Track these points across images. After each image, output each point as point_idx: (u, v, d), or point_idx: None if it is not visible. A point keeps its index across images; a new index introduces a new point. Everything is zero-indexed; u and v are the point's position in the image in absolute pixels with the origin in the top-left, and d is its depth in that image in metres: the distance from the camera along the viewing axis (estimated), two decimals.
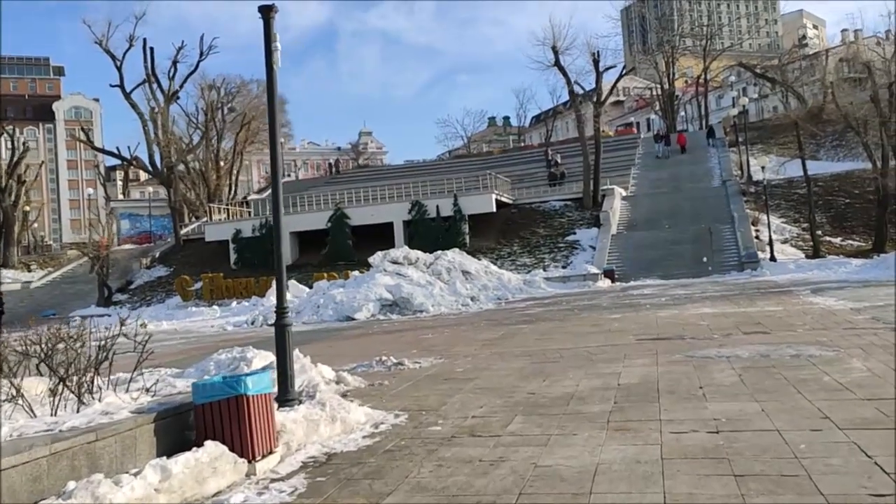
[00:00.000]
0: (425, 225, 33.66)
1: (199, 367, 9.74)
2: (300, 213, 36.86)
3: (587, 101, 42.57)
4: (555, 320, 15.62)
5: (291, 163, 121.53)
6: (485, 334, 14.04)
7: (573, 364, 9.33)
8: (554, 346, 11.37)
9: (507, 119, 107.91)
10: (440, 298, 22.27)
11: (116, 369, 6.58)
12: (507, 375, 8.81)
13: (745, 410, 6.09)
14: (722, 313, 14.21)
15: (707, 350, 9.56)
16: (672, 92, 64.83)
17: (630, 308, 16.93)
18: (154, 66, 46.25)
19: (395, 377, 9.36)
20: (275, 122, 6.49)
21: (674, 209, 33.80)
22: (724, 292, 19.52)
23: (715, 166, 41.06)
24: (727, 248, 28.73)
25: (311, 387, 6.69)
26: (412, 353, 11.68)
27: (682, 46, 72.43)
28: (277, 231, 6.71)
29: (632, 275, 27.16)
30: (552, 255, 31.44)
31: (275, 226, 6.72)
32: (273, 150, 6.68)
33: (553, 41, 34.86)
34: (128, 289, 36.57)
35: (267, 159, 63.10)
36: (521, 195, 38.27)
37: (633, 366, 8.83)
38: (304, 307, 22.53)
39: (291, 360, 6.52)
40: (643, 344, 10.73)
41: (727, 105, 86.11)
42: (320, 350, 13.55)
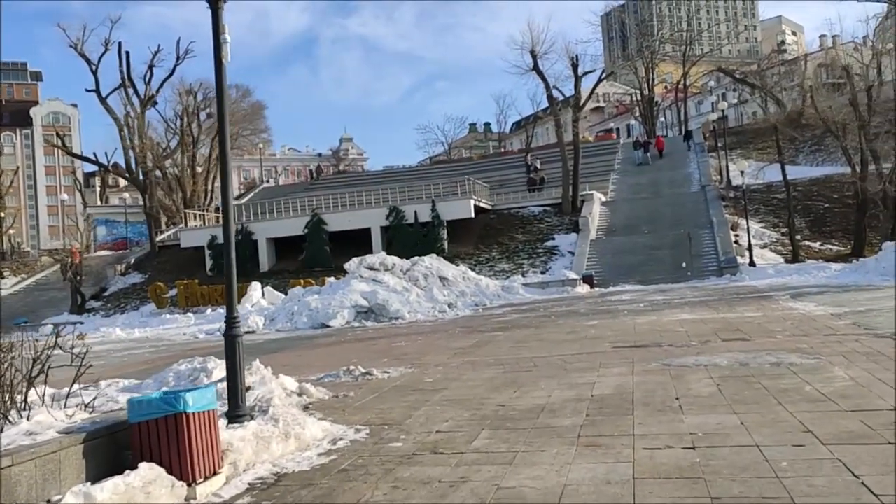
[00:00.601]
0: (403, 231, 33.27)
1: (158, 379, 9.28)
2: (277, 219, 36.34)
3: (567, 107, 42.50)
4: (531, 327, 15.28)
5: (272, 169, 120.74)
6: (458, 342, 13.68)
7: (546, 373, 8.99)
8: (528, 354, 11.02)
9: (488, 125, 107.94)
10: (416, 305, 21.89)
11: (66, 383, 6.13)
12: (477, 386, 8.44)
13: (724, 424, 5.76)
14: (700, 319, 13.95)
15: (685, 358, 9.26)
16: (652, 97, 65.04)
17: (608, 314, 16.65)
18: (130, 71, 45.53)
19: (361, 388, 8.96)
20: (224, 120, 6.08)
21: (653, 214, 33.69)
22: (704, 298, 19.31)
23: (694, 171, 41.07)
24: (706, 253, 28.61)
25: (264, 401, 6.27)
26: (382, 363, 11.29)
27: (662, 52, 72.70)
28: (228, 234, 6.28)
29: (611, 280, 26.95)
30: (531, 260, 31.17)
31: (224, 228, 6.28)
32: (223, 148, 6.25)
33: (532, 45, 34.74)
34: (102, 296, 35.81)
35: (247, 164, 62.90)
36: (501, 200, 38.01)
37: (609, 375, 8.50)
38: (277, 314, 22.07)
39: (242, 373, 6.09)
40: (620, 352, 10.41)
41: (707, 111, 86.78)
42: (289, 359, 13.14)
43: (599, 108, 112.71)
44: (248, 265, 34.46)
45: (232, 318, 6.21)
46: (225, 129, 5.98)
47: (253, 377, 7.76)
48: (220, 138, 5.96)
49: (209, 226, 38.26)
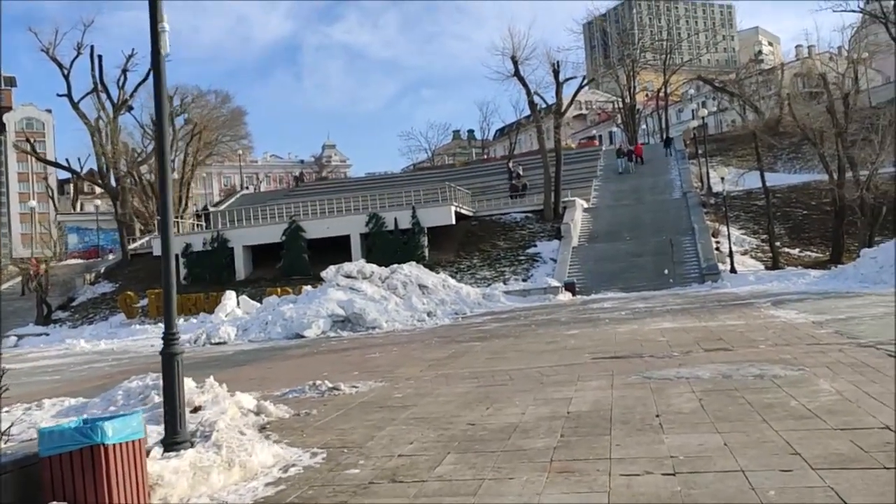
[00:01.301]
0: (383, 238, 32.80)
1: (106, 398, 8.74)
2: (254, 225, 35.71)
3: (549, 113, 42.26)
4: (510, 337, 14.86)
5: (253, 175, 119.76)
6: (434, 353, 13.22)
7: (522, 387, 8.56)
8: (505, 366, 10.59)
9: (472, 132, 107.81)
10: (395, 314, 21.41)
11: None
12: (447, 402, 7.98)
13: (706, 445, 5.35)
14: (682, 328, 13.60)
15: (666, 370, 8.87)
16: (633, 105, 65.15)
17: (589, 323, 16.27)
18: (102, 75, 44.72)
19: (326, 405, 8.47)
20: (163, 116, 5.57)
21: (635, 221, 33.47)
22: (685, 305, 19.00)
23: (675, 178, 40.97)
24: (688, 259, 28.40)
25: (208, 424, 5.77)
26: (353, 376, 10.81)
27: (643, 60, 72.95)
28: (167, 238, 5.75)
29: (592, 287, 26.63)
30: (513, 268, 30.80)
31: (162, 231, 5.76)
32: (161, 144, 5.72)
33: (513, 51, 34.47)
34: (70, 306, 34.94)
35: (227, 171, 62.05)
36: (482, 207, 37.65)
37: (586, 389, 8.08)
38: (251, 324, 21.48)
39: (182, 394, 5.58)
40: (599, 363, 10.01)
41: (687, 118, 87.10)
42: (257, 372, 12.63)
43: (582, 115, 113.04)
44: (223, 273, 33.84)
45: (170, 335, 5.70)
46: (163, 125, 5.48)
47: (205, 396, 7.27)
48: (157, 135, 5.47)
49: (183, 233, 37.54)
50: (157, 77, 5.42)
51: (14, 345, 29.18)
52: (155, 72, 5.43)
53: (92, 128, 44.43)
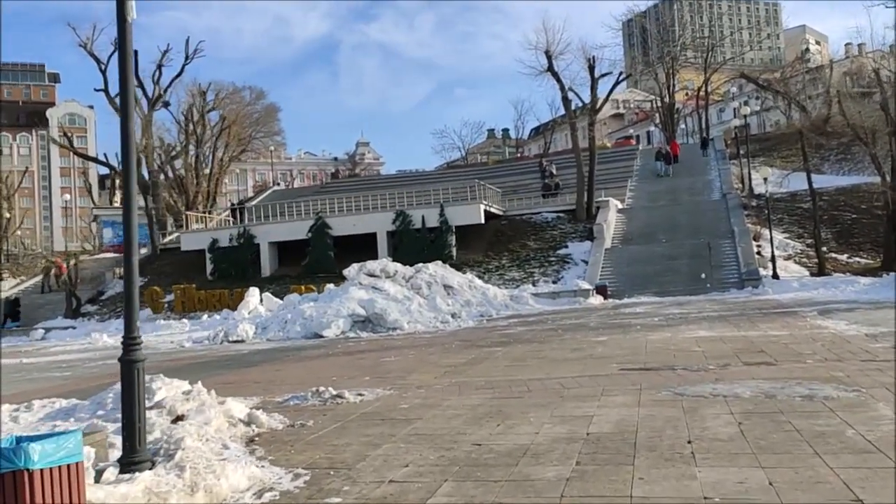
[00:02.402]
0: (410, 236, 32.11)
1: (96, 400, 8.15)
2: (280, 221, 35.30)
3: (584, 112, 41.14)
4: (534, 342, 14.04)
5: (287, 172, 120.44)
6: (452, 358, 12.48)
7: (539, 401, 7.77)
8: (524, 375, 9.81)
9: (507, 131, 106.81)
10: (417, 315, 20.71)
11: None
12: (455, 416, 7.24)
13: (748, 484, 4.52)
14: (720, 337, 12.65)
15: (701, 386, 8.01)
16: (672, 104, 63.52)
17: (619, 329, 15.36)
18: (138, 70, 44.66)
19: (325, 415, 7.78)
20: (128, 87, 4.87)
21: (671, 223, 32.29)
22: (723, 312, 17.97)
23: (715, 179, 39.57)
24: (727, 263, 27.19)
25: (173, 441, 5.11)
26: (362, 382, 10.14)
27: (684, 58, 71.16)
28: (129, 228, 5.07)
29: (625, 291, 25.62)
30: (542, 269, 29.85)
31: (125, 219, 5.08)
32: (125, 125, 5.04)
33: (546, 45, 33.44)
34: (98, 300, 34.95)
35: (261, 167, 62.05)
36: (513, 206, 36.75)
37: (610, 405, 7.27)
38: (270, 322, 20.99)
39: (142, 408, 4.91)
40: (627, 376, 9.17)
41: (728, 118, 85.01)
42: (264, 375, 12.04)
43: (619, 114, 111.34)
44: (249, 269, 33.50)
45: (130, 339, 5.04)
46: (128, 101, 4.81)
47: (189, 404, 6.63)
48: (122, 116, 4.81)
49: (210, 228, 37.37)
50: (123, 45, 4.76)
51: (41, 337, 29.19)
52: (120, 39, 4.78)
53: None
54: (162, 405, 6.49)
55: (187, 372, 13.15)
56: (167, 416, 6.31)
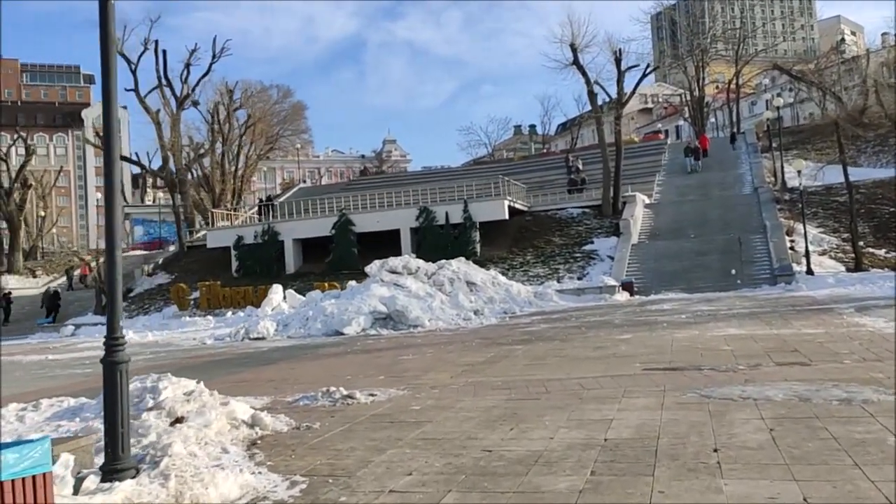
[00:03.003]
0: (433, 232, 31.80)
1: (102, 400, 7.98)
2: (304, 218, 35.23)
3: (612, 108, 40.36)
4: (556, 340, 13.63)
5: (315, 170, 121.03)
6: (471, 356, 12.13)
7: (557, 403, 7.40)
8: (543, 374, 9.42)
9: (533, 127, 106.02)
10: (440, 312, 20.39)
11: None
12: (467, 419, 6.89)
13: (780, 499, 4.12)
14: (750, 335, 12.13)
15: (729, 388, 7.56)
16: (702, 98, 62.33)
17: (644, 326, 14.88)
18: (166, 69, 45.06)
19: (333, 416, 7.49)
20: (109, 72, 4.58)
21: (701, 217, 31.55)
22: (754, 309, 17.37)
23: (746, 172, 38.63)
24: (758, 259, 26.44)
25: (159, 448, 4.83)
26: (376, 381, 9.84)
27: (714, 51, 69.79)
28: (112, 227, 4.78)
29: (652, 287, 25.03)
30: (567, 265, 29.34)
31: (107, 219, 4.80)
32: (107, 108, 4.72)
33: (571, 38, 32.85)
34: (127, 297, 35.18)
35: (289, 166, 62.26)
36: (538, 202, 36.24)
37: (631, 408, 6.87)
38: (291, 320, 20.82)
39: (125, 412, 4.63)
40: (650, 376, 8.74)
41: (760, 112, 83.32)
42: (278, 373, 11.81)
43: (647, 109, 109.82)
44: (273, 267, 33.47)
45: (112, 339, 4.75)
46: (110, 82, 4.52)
47: (190, 405, 6.38)
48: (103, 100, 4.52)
49: (236, 226, 37.41)
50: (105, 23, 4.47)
51: (71, 334, 29.43)
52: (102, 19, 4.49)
53: (157, 122, 44.89)
54: (162, 406, 6.25)
55: (204, 370, 12.99)
56: (166, 419, 6.06)
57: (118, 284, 4.68)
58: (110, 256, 4.61)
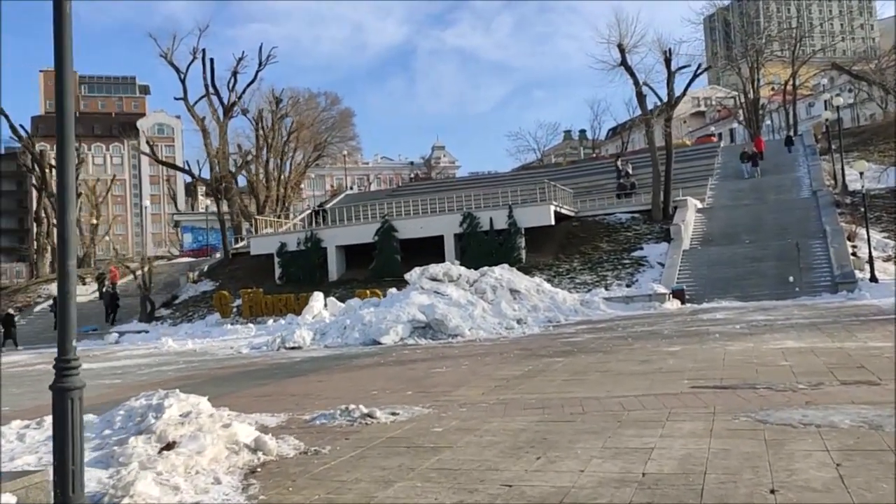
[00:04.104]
0: (477, 239, 31.18)
1: (106, 418, 7.56)
2: (346, 225, 35.01)
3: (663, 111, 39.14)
4: (599, 352, 12.86)
5: (364, 177, 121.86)
6: (507, 370, 11.46)
7: (593, 426, 6.69)
8: (581, 392, 8.71)
9: (583, 132, 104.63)
10: (481, 321, 19.76)
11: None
12: (491, 444, 6.25)
13: None
14: (811, 349, 11.17)
15: (788, 411, 6.74)
16: (757, 99, 60.34)
17: (694, 338, 13.98)
18: (214, 78, 45.60)
19: (347, 438, 6.93)
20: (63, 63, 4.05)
21: (756, 222, 30.22)
22: (815, 319, 16.27)
23: (804, 176, 37.01)
24: (818, 265, 25.09)
25: (120, 487, 4.31)
26: (403, 397, 9.27)
27: (769, 51, 67.56)
28: (63, 230, 4.23)
29: (704, 295, 23.96)
30: (615, 272, 28.37)
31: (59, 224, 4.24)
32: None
33: (619, 38, 31.91)
34: (172, 304, 35.50)
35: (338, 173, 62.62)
36: (586, 207, 35.30)
37: (676, 435, 6.12)
38: (329, 328, 20.44)
39: (76, 446, 4.08)
40: (699, 395, 7.95)
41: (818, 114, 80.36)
42: (304, 386, 11.36)
43: (700, 112, 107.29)
44: (317, 274, 33.30)
45: (64, 362, 4.19)
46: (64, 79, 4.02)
47: (185, 428, 5.89)
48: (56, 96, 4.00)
49: (279, 233, 37.42)
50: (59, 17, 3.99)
51: (115, 341, 29.70)
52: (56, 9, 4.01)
53: (203, 129, 45.42)
54: (152, 430, 5.77)
55: (231, 381, 12.63)
56: (156, 444, 5.58)
57: (71, 298, 4.13)
58: (62, 267, 4.09)
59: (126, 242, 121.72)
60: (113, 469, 5.05)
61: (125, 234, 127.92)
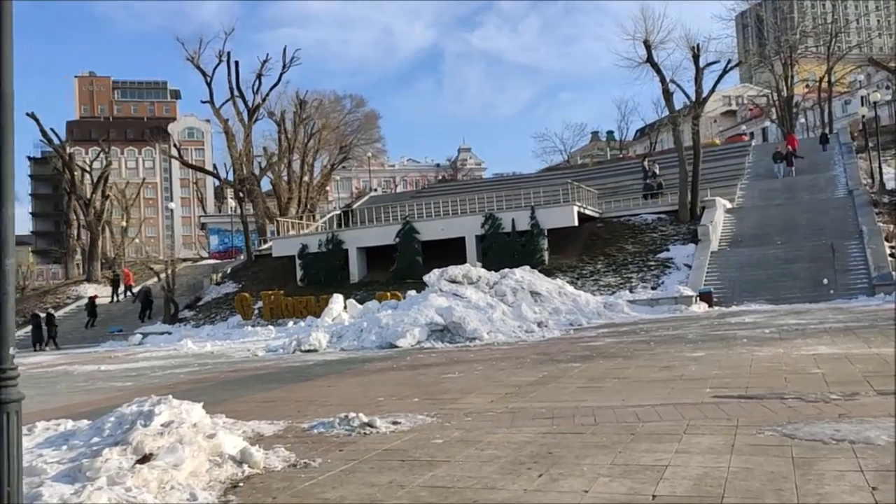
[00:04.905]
0: (499, 240, 30.67)
1: (96, 425, 7.24)
2: (368, 227, 34.74)
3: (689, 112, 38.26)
4: (618, 357, 12.32)
5: (390, 179, 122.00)
6: (521, 375, 10.99)
7: (603, 439, 6.20)
8: (595, 400, 8.21)
9: (611, 133, 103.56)
10: (500, 324, 19.29)
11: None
12: (493, 459, 5.79)
13: None
14: (845, 355, 10.52)
15: (818, 425, 6.18)
16: (790, 97, 58.97)
17: (720, 342, 13.36)
18: (239, 81, 45.70)
19: (341, 450, 6.53)
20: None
21: (788, 223, 29.31)
22: (850, 323, 15.53)
23: (839, 174, 35.90)
24: (854, 267, 24.17)
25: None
26: (409, 404, 8.85)
27: (804, 48, 66.02)
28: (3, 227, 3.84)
29: (733, 298, 23.21)
30: (641, 274, 27.67)
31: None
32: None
33: (645, 34, 31.17)
34: (196, 305, 35.52)
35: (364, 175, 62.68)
36: (610, 208, 34.62)
37: (693, 450, 5.61)
38: (346, 331, 20.11)
39: (14, 462, 3.70)
40: (721, 405, 7.40)
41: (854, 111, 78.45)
42: (312, 391, 11.02)
43: (731, 111, 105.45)
44: (338, 276, 33.07)
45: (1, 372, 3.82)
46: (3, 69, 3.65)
47: (164, 439, 5.52)
48: None
49: (301, 234, 37.27)
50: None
51: (139, 343, 29.75)
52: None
53: (227, 131, 45.55)
54: (128, 442, 5.42)
55: (240, 385, 12.34)
56: (131, 456, 5.22)
57: (9, 300, 3.76)
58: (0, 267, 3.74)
59: (157, 244, 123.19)
60: (79, 484, 4.71)
61: (156, 236, 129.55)
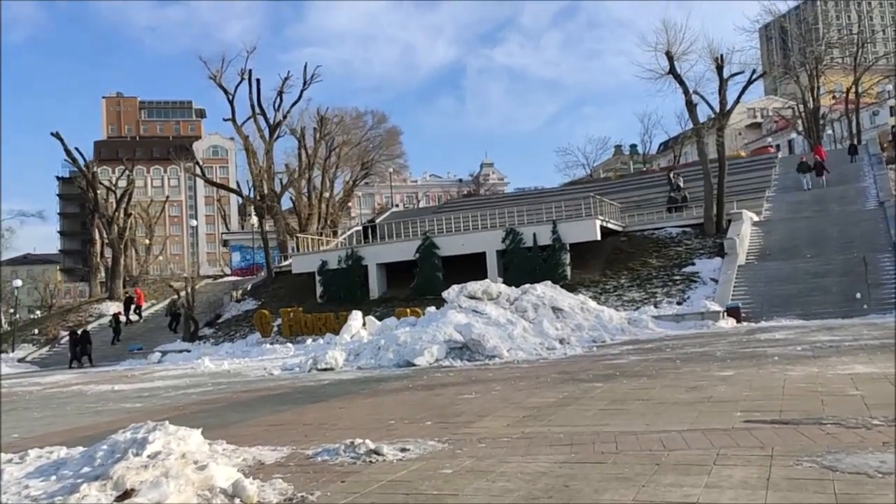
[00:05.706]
0: (520, 255, 30.20)
1: (88, 453, 6.91)
2: (387, 242, 34.45)
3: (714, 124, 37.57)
4: (643, 376, 11.78)
5: (413, 194, 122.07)
6: (540, 396, 10.51)
7: (625, 471, 5.72)
8: (617, 425, 7.71)
9: (634, 147, 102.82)
10: (521, 341, 18.79)
11: None
12: (503, 493, 5.34)
13: None
14: (884, 375, 9.91)
15: (861, 455, 5.65)
16: (817, 108, 58.03)
17: (750, 360, 12.77)
18: (260, 98, 45.89)
19: (344, 480, 6.11)
20: None
21: (818, 235, 28.52)
22: (886, 339, 14.83)
23: (870, 186, 35.00)
24: (888, 281, 23.36)
25: None
26: (421, 428, 8.42)
27: (829, 59, 65.05)
28: None
29: (762, 313, 22.50)
30: (665, 289, 27.01)
31: None
32: None
33: (667, 45, 30.67)
34: (215, 323, 35.42)
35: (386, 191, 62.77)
36: (634, 221, 34.01)
37: (723, 486, 5.11)
38: (363, 349, 19.74)
39: None
40: (753, 431, 6.88)
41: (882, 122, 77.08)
42: (322, 413, 10.63)
43: (756, 123, 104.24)
44: (357, 292, 32.78)
45: None
46: None
47: (147, 473, 5.15)
48: None
49: (320, 251, 37.09)
50: None
51: (158, 361, 29.64)
52: None
53: (247, 149, 45.70)
54: (109, 476, 5.05)
55: (250, 407, 11.99)
56: (111, 492, 4.85)
57: None
58: None
59: (182, 262, 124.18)
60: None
61: (181, 253, 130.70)
